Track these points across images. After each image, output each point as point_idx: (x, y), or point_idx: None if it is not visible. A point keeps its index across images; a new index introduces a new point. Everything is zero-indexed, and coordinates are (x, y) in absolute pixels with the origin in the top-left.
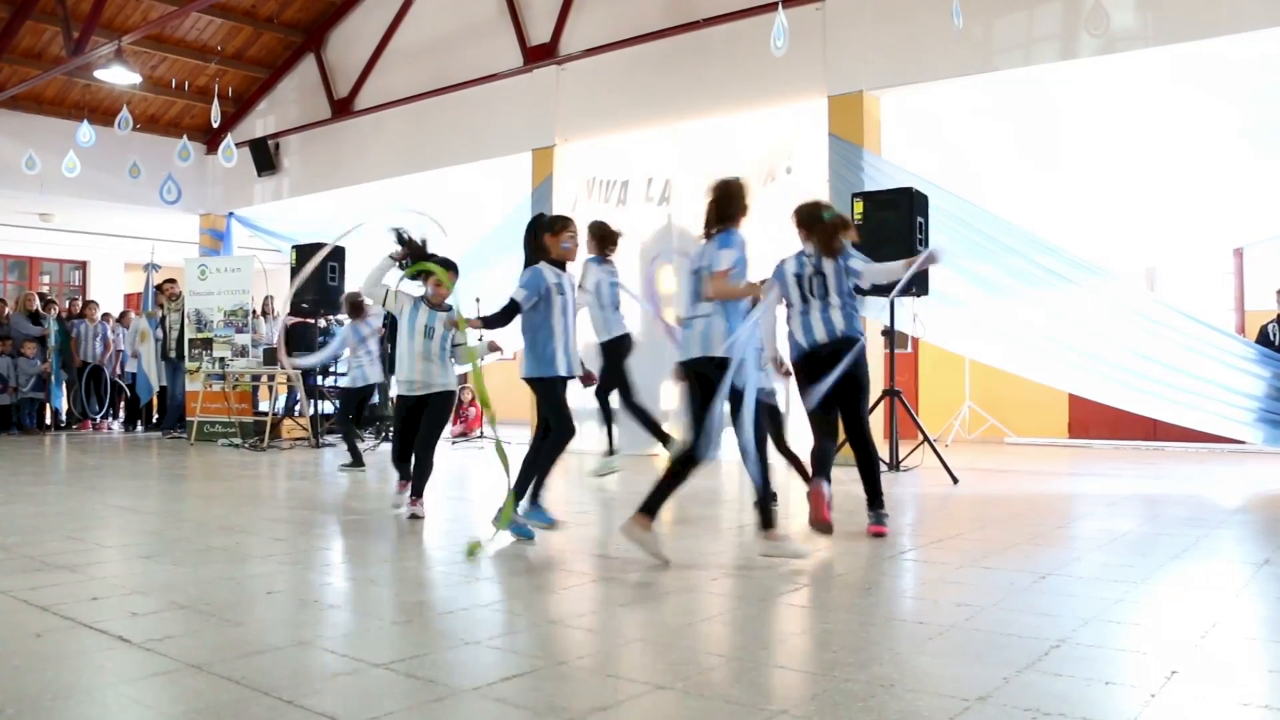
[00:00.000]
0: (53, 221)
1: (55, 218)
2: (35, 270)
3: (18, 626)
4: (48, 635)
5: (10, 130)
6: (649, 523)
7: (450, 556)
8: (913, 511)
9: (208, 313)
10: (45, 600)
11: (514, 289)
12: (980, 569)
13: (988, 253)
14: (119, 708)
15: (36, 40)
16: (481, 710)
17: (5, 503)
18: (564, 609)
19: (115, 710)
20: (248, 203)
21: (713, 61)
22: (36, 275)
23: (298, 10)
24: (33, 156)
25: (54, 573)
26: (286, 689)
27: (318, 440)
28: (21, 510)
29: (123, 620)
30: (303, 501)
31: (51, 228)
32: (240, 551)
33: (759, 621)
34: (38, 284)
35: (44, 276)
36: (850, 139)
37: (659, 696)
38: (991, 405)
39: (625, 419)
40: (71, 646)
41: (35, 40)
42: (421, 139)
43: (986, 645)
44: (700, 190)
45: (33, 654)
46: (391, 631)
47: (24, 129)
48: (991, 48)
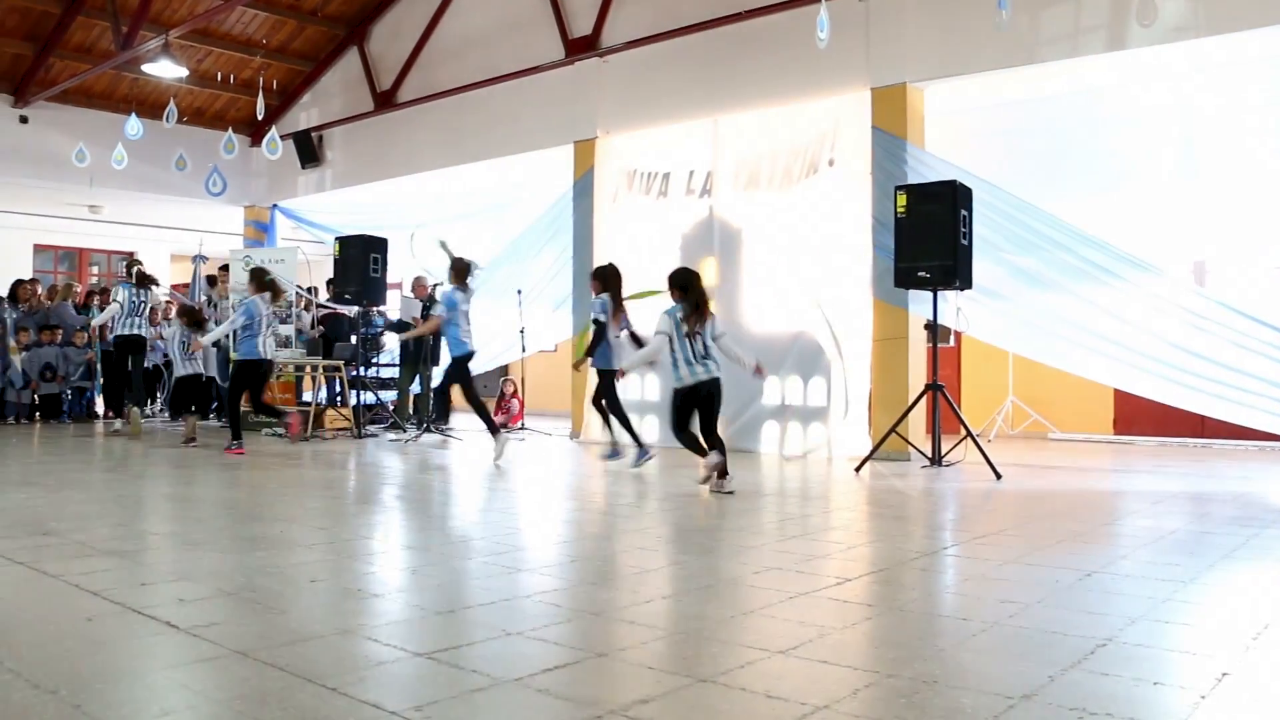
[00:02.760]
0: (101, 213)
1: (104, 209)
2: (85, 261)
3: (70, 610)
4: (98, 620)
5: (61, 124)
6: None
7: (492, 548)
8: (955, 507)
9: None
10: (96, 585)
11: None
12: (1024, 566)
13: (1032, 246)
14: (167, 692)
15: (87, 36)
16: (523, 701)
17: (56, 489)
18: (605, 601)
19: (164, 694)
20: (291, 195)
21: (755, 53)
22: (86, 266)
23: (341, 4)
24: (83, 149)
25: (104, 558)
26: (330, 676)
27: (360, 431)
28: (72, 497)
29: (170, 606)
30: (345, 491)
31: (100, 219)
32: (284, 540)
33: (801, 616)
34: (87, 275)
35: (93, 267)
36: (893, 131)
37: (701, 689)
38: (1035, 400)
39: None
40: (121, 631)
41: (85, 36)
42: (463, 131)
43: (1031, 643)
44: (741, 183)
45: (84, 637)
46: (434, 621)
47: (74, 123)
48: (1037, 39)
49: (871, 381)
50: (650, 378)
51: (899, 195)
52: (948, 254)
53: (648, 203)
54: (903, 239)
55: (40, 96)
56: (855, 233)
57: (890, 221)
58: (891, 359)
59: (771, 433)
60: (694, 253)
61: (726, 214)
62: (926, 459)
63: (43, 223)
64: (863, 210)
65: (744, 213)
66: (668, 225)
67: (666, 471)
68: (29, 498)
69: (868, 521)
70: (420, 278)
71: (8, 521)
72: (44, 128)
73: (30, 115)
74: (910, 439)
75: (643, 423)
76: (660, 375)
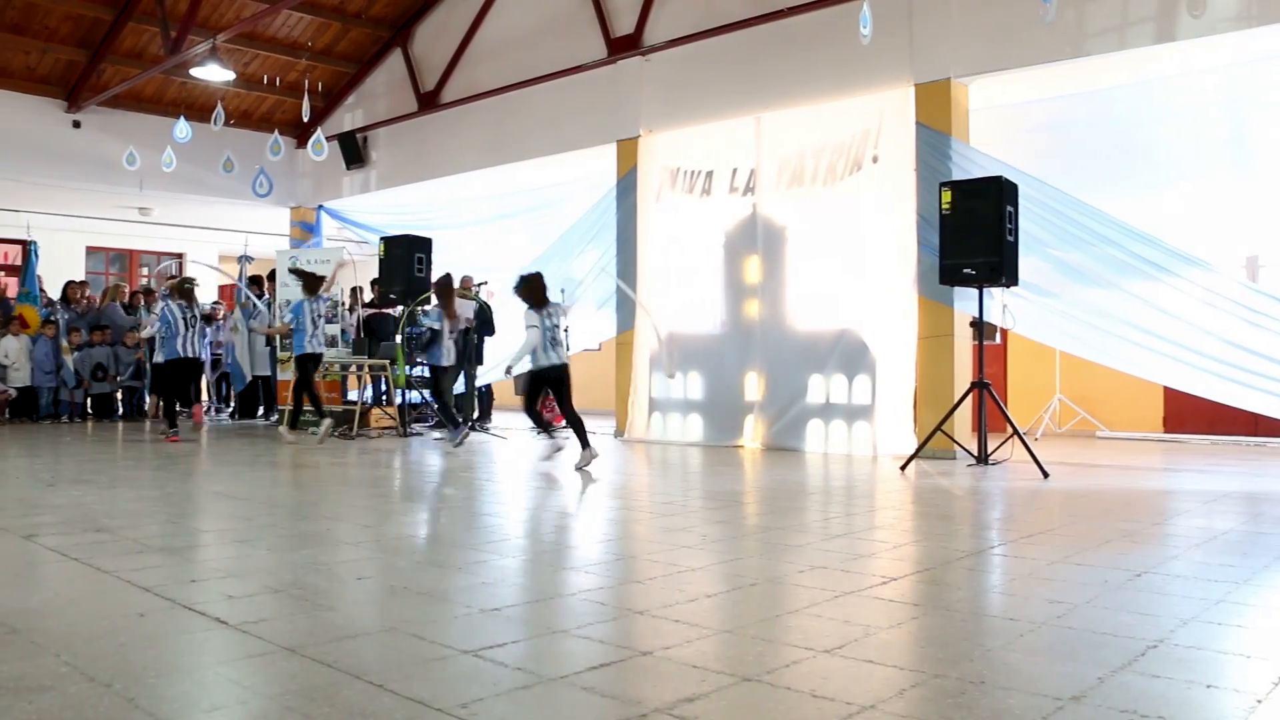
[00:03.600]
0: (151, 215)
1: (153, 211)
2: (135, 263)
3: (123, 606)
4: (150, 615)
5: (112, 128)
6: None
7: (536, 546)
8: (1001, 506)
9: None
10: (147, 581)
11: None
12: (1072, 565)
13: (1080, 242)
14: (217, 687)
15: (137, 41)
16: (568, 699)
17: (108, 487)
18: (650, 599)
19: (214, 689)
20: (337, 195)
21: (797, 50)
22: (136, 267)
23: (385, 6)
24: (133, 153)
25: (155, 555)
26: (377, 673)
27: (405, 429)
28: (123, 495)
29: (220, 602)
30: (391, 489)
31: (150, 221)
32: (331, 538)
33: (846, 615)
34: (137, 276)
35: (143, 269)
36: (937, 127)
37: (746, 689)
38: (1083, 398)
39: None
40: (172, 626)
41: (135, 41)
42: (507, 131)
43: (1080, 644)
44: (785, 180)
45: (136, 633)
46: (479, 619)
47: (124, 126)
48: (1084, 31)
49: (917, 379)
50: (696, 381)
51: (944, 191)
52: (994, 250)
53: (691, 201)
54: (948, 236)
55: (92, 101)
56: (899, 230)
57: (935, 218)
58: (937, 357)
59: (816, 431)
60: (737, 251)
61: (770, 212)
62: (972, 457)
63: (95, 225)
64: (907, 207)
65: (787, 210)
66: (711, 224)
67: (710, 471)
68: (82, 495)
69: (913, 520)
70: (467, 276)
71: (63, 518)
72: (96, 132)
73: (83, 120)
74: (956, 437)
75: (686, 421)
76: (703, 379)
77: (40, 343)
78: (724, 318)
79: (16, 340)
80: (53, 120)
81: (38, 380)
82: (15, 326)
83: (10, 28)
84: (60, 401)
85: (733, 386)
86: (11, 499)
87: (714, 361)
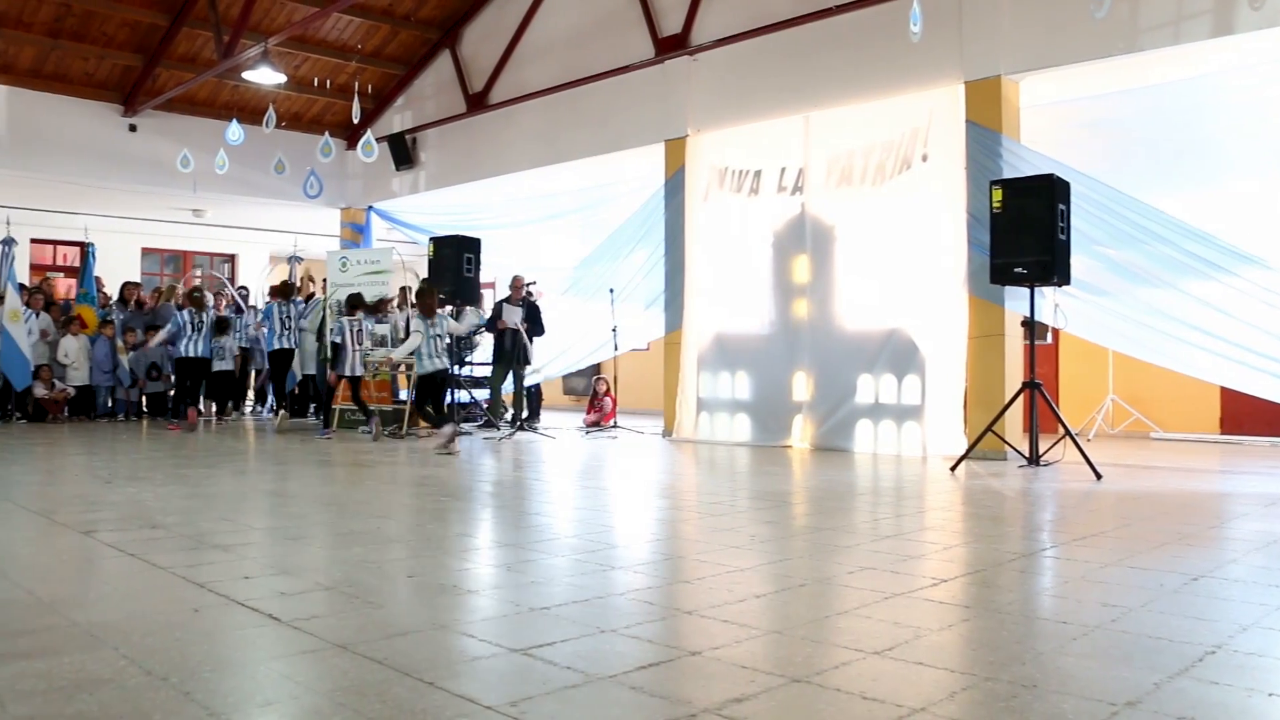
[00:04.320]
0: (204, 217)
1: (207, 213)
2: (188, 264)
3: (178, 601)
4: (205, 611)
5: (166, 131)
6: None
7: (584, 545)
8: (1053, 507)
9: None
10: (202, 577)
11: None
12: (1126, 568)
13: (1134, 240)
14: (271, 683)
15: (190, 46)
16: (617, 698)
17: (163, 484)
18: (698, 599)
19: (268, 685)
20: (386, 196)
21: (845, 48)
22: (190, 268)
23: (434, 8)
24: (187, 155)
25: (209, 551)
26: (427, 671)
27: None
28: (178, 492)
29: (273, 599)
30: (440, 488)
31: (203, 222)
32: (381, 536)
33: (896, 617)
34: (191, 277)
35: (196, 269)
36: (988, 125)
37: (795, 689)
38: (1136, 398)
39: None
40: (226, 622)
41: (189, 46)
42: (555, 131)
43: (1135, 648)
44: (834, 179)
45: (192, 628)
46: (528, 617)
47: (178, 130)
48: (1137, 26)
49: (967, 379)
50: (744, 381)
51: (994, 190)
52: (1045, 249)
53: (739, 201)
54: (999, 234)
55: (147, 106)
56: (949, 228)
57: (985, 217)
58: (987, 356)
59: (865, 431)
60: (786, 250)
61: (818, 211)
62: (1024, 458)
63: (150, 226)
64: (957, 205)
65: (836, 210)
66: (759, 223)
67: (758, 471)
68: (138, 492)
69: (963, 522)
70: (518, 276)
71: (120, 515)
72: (151, 135)
73: (138, 124)
74: (1007, 438)
75: (734, 421)
76: (751, 379)
77: (99, 343)
78: (772, 317)
79: (76, 340)
80: (110, 124)
81: (96, 379)
82: (75, 327)
83: (70, 35)
84: (116, 400)
85: (781, 386)
86: (71, 495)
87: (762, 361)
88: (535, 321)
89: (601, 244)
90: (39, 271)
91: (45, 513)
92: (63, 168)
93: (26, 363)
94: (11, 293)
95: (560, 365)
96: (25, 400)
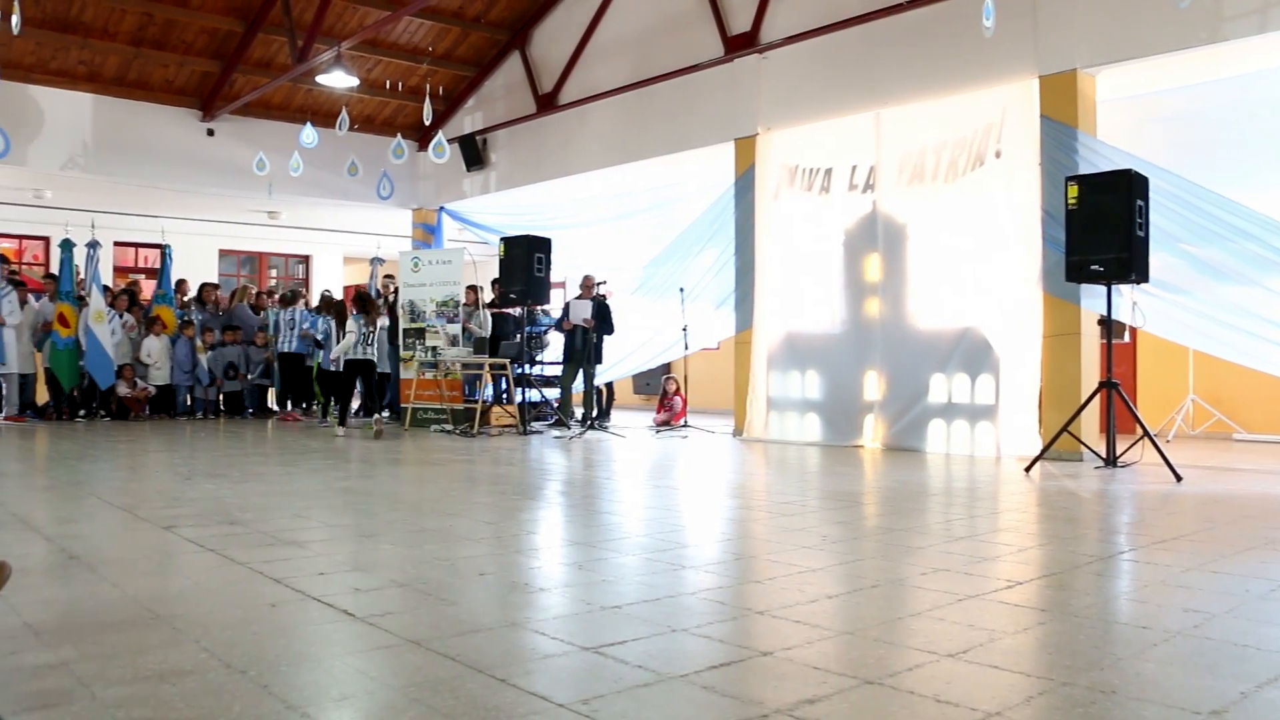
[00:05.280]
0: (279, 218)
1: (281, 215)
2: (264, 265)
3: (255, 596)
4: (281, 606)
5: (242, 135)
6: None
7: (655, 544)
8: (1131, 510)
9: (420, 304)
10: (278, 573)
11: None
12: (1209, 573)
13: (1216, 237)
14: (346, 677)
15: (266, 51)
16: (688, 697)
17: (240, 481)
18: (770, 599)
19: (343, 679)
20: (457, 197)
21: (917, 44)
22: (265, 269)
23: (503, 9)
24: (262, 158)
25: (284, 548)
26: (499, 668)
27: (525, 428)
28: (254, 489)
29: (347, 595)
30: (511, 487)
31: (278, 224)
32: (453, 534)
33: (970, 619)
34: (266, 278)
35: (271, 270)
36: (1063, 120)
37: (867, 691)
38: (1218, 399)
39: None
40: (301, 617)
41: (265, 51)
42: (624, 131)
43: (1219, 656)
44: (905, 177)
45: (269, 622)
46: (600, 616)
47: (254, 133)
48: (1220, 15)
49: (1042, 379)
50: (814, 380)
51: (1070, 186)
52: (1122, 246)
53: (810, 199)
54: (1074, 231)
55: (224, 110)
56: (1024, 226)
57: (1061, 214)
58: (1063, 356)
59: (938, 431)
60: (857, 249)
61: (890, 209)
62: (1100, 459)
63: (226, 229)
64: (1032, 202)
65: (908, 208)
66: (830, 221)
67: (829, 471)
68: (217, 488)
69: (1038, 523)
70: (589, 276)
71: (199, 511)
72: (227, 139)
73: (216, 128)
74: (1083, 439)
75: (804, 420)
76: (822, 378)
77: (180, 343)
78: (843, 316)
79: (158, 340)
80: (188, 129)
81: (176, 379)
82: (158, 327)
83: (151, 43)
84: (195, 399)
85: (852, 386)
86: (153, 492)
87: (833, 360)
88: (605, 320)
89: (671, 243)
90: (121, 274)
91: (129, 508)
92: (144, 172)
93: (110, 362)
94: (96, 294)
95: (630, 364)
96: (109, 398)
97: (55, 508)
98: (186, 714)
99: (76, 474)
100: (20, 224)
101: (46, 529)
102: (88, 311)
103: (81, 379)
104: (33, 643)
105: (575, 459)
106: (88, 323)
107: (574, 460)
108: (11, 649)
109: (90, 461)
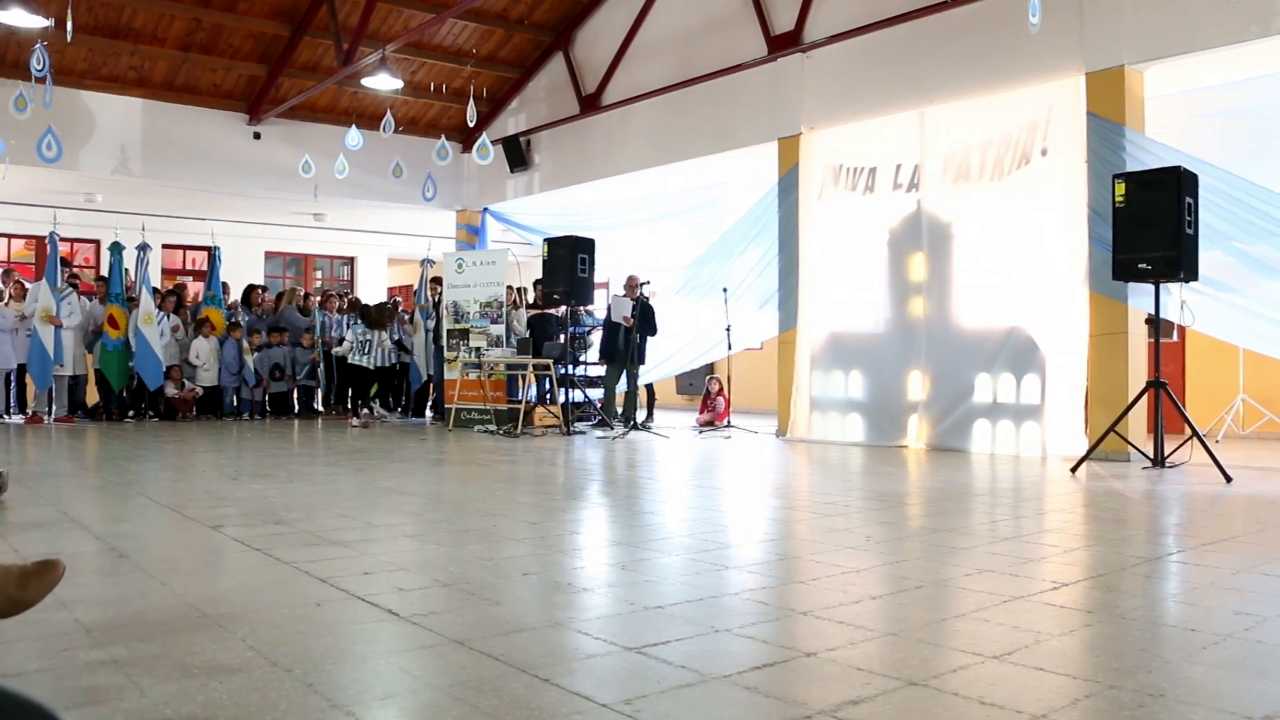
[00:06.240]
0: (324, 221)
1: (327, 217)
2: (309, 266)
3: (301, 595)
4: (326, 605)
5: (288, 138)
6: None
7: (698, 544)
8: (1180, 511)
9: (464, 304)
10: (323, 573)
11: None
12: (1260, 575)
13: (1268, 234)
14: (390, 676)
15: (312, 54)
16: (731, 698)
17: (286, 481)
18: (813, 600)
19: (387, 678)
20: (501, 198)
21: (961, 41)
22: (311, 271)
23: (547, 11)
24: (308, 161)
25: (329, 548)
26: (543, 668)
27: (568, 428)
28: (300, 489)
29: (391, 595)
30: (555, 487)
31: (323, 226)
32: (497, 534)
33: (1016, 621)
34: (312, 279)
35: (317, 272)
36: (1110, 117)
37: (911, 693)
38: (1269, 398)
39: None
40: (346, 616)
41: (311, 54)
42: (668, 131)
43: (1271, 660)
44: (950, 175)
45: (314, 621)
46: (642, 616)
47: (300, 136)
48: (1273, 8)
49: (1088, 378)
50: (858, 380)
51: (1117, 184)
52: (1171, 244)
53: (854, 198)
54: (1122, 229)
55: (271, 113)
56: (1070, 224)
57: (1108, 212)
58: (1110, 355)
59: (983, 432)
60: (901, 248)
61: (935, 208)
62: (1148, 460)
63: (272, 231)
64: (1078, 200)
65: (953, 206)
66: (874, 221)
67: (872, 471)
68: (263, 488)
69: (1085, 524)
70: (633, 276)
71: (245, 510)
72: (274, 142)
73: (262, 131)
74: (1130, 439)
75: (847, 420)
76: (866, 378)
77: (228, 344)
78: (887, 316)
79: (207, 342)
80: (235, 132)
81: (224, 380)
82: (207, 329)
83: (199, 48)
84: (241, 400)
85: (896, 386)
86: (200, 491)
87: (876, 360)
88: (648, 321)
89: (714, 243)
90: (170, 276)
91: (177, 508)
92: (192, 175)
93: (159, 363)
94: (145, 296)
95: (674, 365)
96: (157, 399)
97: (105, 507)
98: (233, 711)
99: (126, 474)
100: (73, 227)
101: (97, 528)
102: (137, 313)
103: (130, 380)
104: (84, 640)
105: (618, 459)
106: (137, 324)
107: (617, 461)
108: (64, 645)
109: (139, 461)
